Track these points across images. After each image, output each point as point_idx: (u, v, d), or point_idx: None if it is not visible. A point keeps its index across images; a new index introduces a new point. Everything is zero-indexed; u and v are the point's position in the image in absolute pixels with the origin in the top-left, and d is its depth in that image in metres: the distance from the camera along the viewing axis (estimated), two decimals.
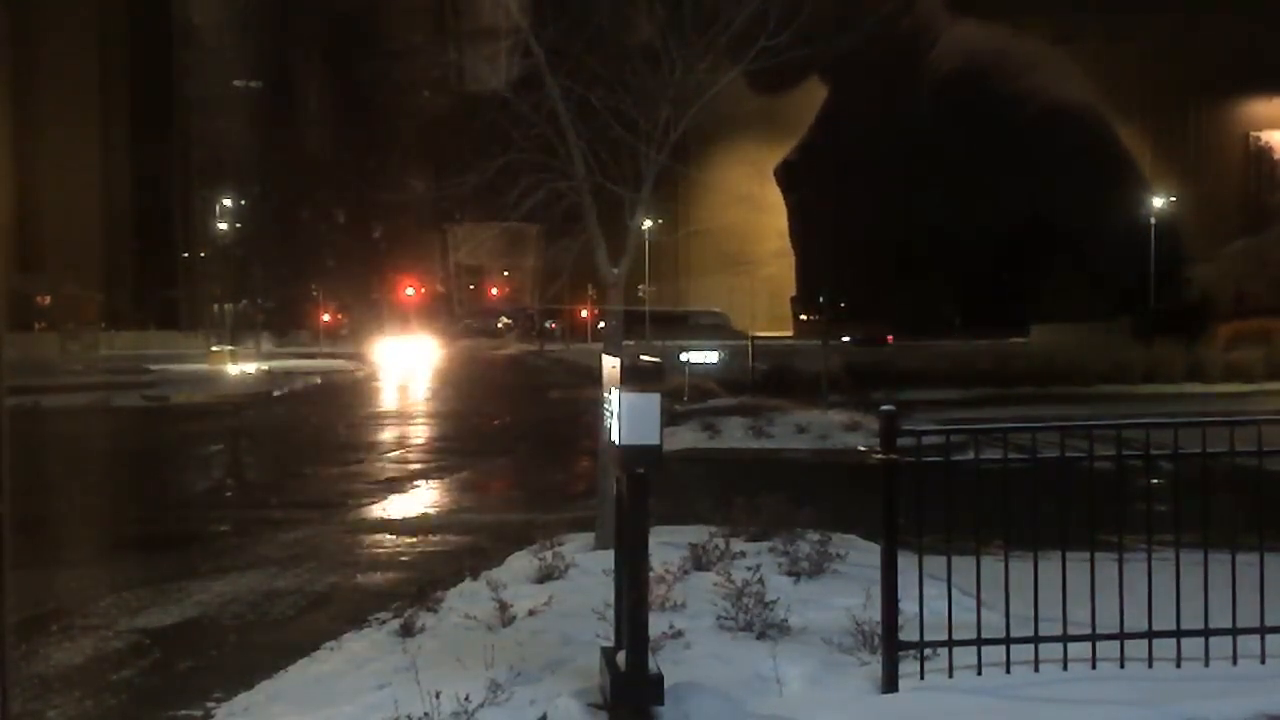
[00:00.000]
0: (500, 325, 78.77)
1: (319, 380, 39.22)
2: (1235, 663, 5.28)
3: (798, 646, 5.74)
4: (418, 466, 17.28)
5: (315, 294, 72.95)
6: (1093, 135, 72.85)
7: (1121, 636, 5.26)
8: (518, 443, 20.29)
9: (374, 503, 13.21)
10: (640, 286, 60.85)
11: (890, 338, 57.16)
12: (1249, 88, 77.27)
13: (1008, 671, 5.21)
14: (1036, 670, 5.23)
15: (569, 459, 17.01)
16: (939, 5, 77.92)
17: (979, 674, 5.19)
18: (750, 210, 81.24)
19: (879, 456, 5.18)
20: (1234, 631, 5.31)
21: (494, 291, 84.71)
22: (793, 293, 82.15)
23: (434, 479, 15.50)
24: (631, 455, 4.76)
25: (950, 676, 5.18)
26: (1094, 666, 5.25)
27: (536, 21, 8.73)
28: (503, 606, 6.58)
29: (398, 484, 14.87)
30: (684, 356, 26.82)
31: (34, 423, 21.81)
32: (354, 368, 46.86)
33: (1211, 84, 75.70)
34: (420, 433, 23.19)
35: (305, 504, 13.12)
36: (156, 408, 28.28)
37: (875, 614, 5.36)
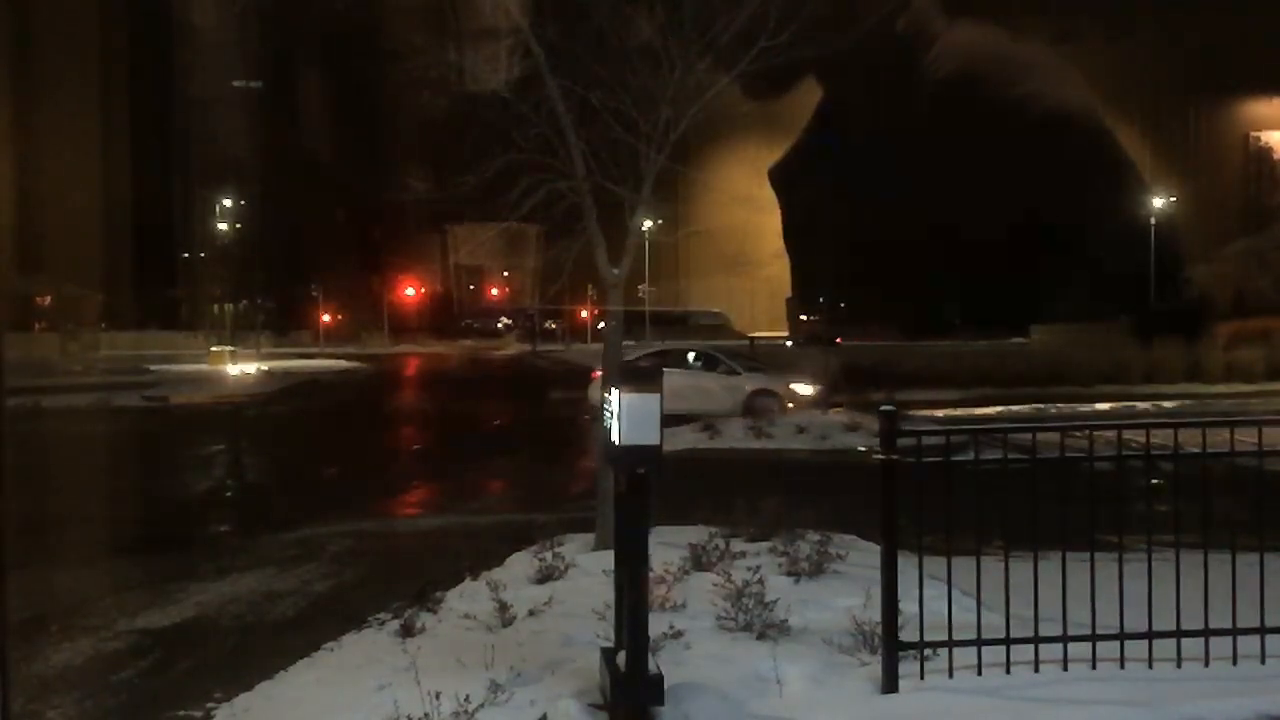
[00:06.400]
0: (500, 326, 78.78)
1: (319, 381, 39.21)
2: (1235, 663, 5.29)
3: (798, 647, 5.74)
4: (417, 466, 17.28)
5: (315, 294, 73.00)
6: (1092, 136, 72.90)
7: (1121, 637, 5.26)
8: (517, 442, 20.28)
9: (373, 503, 13.20)
10: (640, 287, 60.91)
11: (839, 339, 54.69)
12: (1249, 88, 77.35)
13: (1008, 672, 5.21)
14: (1037, 670, 5.23)
15: (569, 459, 17.00)
16: (936, 7, 77.95)
17: (979, 674, 5.19)
18: (750, 210, 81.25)
19: (879, 457, 5.19)
20: (1234, 631, 5.31)
21: (494, 292, 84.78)
22: (788, 294, 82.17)
23: (433, 479, 15.49)
24: (631, 455, 4.76)
25: (950, 677, 5.18)
26: (1094, 667, 5.26)
27: (536, 21, 8.72)
28: (503, 607, 6.58)
29: (397, 484, 14.87)
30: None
31: (34, 423, 21.81)
32: (354, 368, 46.84)
33: (1211, 84, 75.77)
34: (420, 433, 23.19)
35: (305, 504, 13.11)
36: (156, 408, 28.27)
37: (875, 614, 5.36)
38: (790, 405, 21.02)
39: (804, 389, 21.70)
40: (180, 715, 5.88)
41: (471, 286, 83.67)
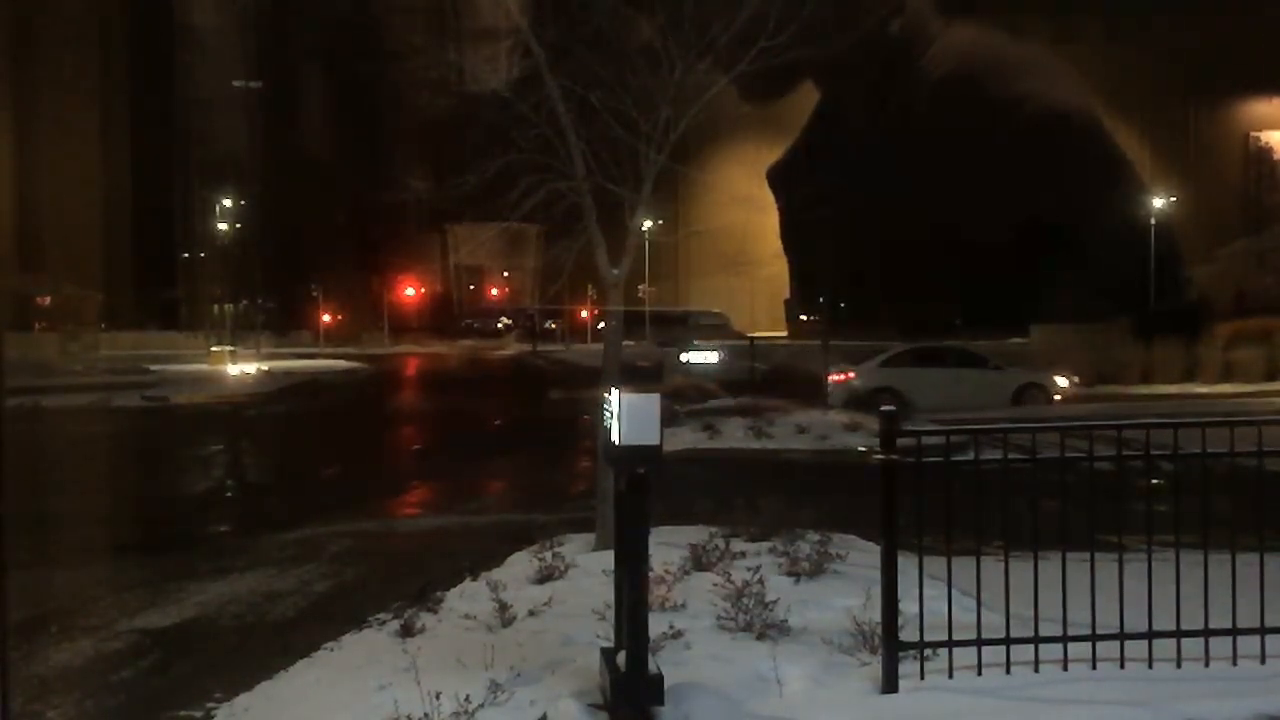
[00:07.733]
0: (500, 326, 78.73)
1: (319, 381, 39.20)
2: (1235, 663, 5.28)
3: (798, 647, 5.74)
4: (417, 466, 17.28)
5: (315, 294, 72.98)
6: (1092, 136, 72.80)
7: (1121, 637, 5.26)
8: (517, 443, 20.29)
9: (373, 503, 13.21)
10: (640, 287, 60.87)
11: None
12: (1249, 88, 77.29)
13: (1008, 672, 5.21)
14: (1036, 670, 5.23)
15: (569, 459, 17.00)
16: (933, 8, 77.89)
17: (979, 674, 5.19)
18: (750, 211, 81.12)
19: (879, 457, 5.18)
20: (1234, 632, 5.31)
21: (494, 292, 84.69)
22: (787, 294, 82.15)
23: (433, 479, 15.50)
24: (631, 455, 4.76)
25: (950, 677, 5.18)
26: (1094, 667, 5.25)
27: (536, 21, 8.73)
28: (503, 607, 6.58)
29: (396, 484, 14.87)
30: (684, 357, 26.88)
31: (34, 423, 21.80)
32: (354, 368, 46.83)
33: (1211, 84, 75.72)
34: (420, 433, 23.19)
35: (304, 504, 13.12)
36: (156, 408, 28.27)
37: (875, 614, 5.36)
38: (1057, 397, 21.60)
39: (1064, 381, 22.49)
40: (180, 715, 5.88)
41: (471, 286, 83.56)
